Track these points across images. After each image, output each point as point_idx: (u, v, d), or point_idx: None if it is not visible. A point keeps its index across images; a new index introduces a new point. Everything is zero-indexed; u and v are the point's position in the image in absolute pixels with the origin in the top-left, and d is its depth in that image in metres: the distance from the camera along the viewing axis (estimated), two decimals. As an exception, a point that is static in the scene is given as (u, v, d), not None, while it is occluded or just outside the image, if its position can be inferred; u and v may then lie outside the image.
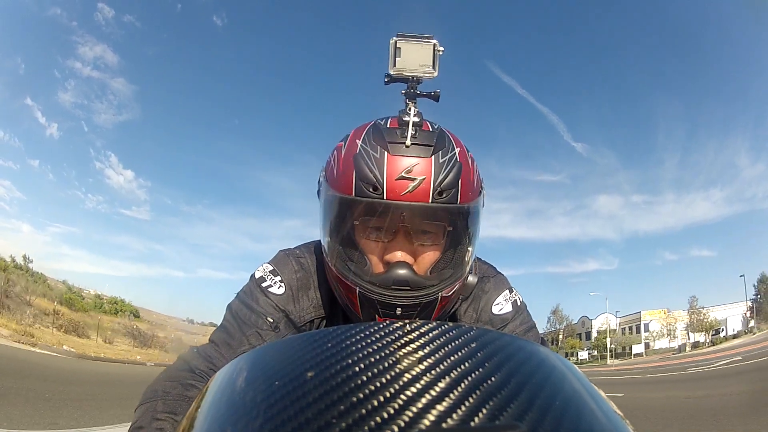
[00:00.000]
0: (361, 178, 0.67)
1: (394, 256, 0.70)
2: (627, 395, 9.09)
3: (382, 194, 0.66)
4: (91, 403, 5.93)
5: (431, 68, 0.72)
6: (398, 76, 0.73)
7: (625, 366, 29.71)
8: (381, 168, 0.67)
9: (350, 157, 0.70)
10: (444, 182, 0.68)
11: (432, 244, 0.73)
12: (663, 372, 17.04)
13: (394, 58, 0.72)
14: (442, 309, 0.74)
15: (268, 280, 0.82)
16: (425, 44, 0.72)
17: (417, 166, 0.67)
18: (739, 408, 6.18)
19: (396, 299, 0.69)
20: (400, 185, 0.66)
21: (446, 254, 0.74)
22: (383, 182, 0.66)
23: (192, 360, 0.75)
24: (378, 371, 0.25)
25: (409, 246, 0.71)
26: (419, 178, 0.67)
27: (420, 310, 0.71)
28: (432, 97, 0.75)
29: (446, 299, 0.73)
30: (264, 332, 0.77)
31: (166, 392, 0.69)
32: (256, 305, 0.79)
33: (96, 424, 4.63)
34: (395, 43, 0.72)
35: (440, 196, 0.68)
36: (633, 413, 5.95)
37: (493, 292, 0.87)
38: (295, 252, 0.88)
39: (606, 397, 0.29)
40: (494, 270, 0.92)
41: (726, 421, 5.37)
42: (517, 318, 0.86)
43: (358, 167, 0.68)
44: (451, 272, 0.73)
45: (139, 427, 0.65)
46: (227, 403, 0.26)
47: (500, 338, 0.29)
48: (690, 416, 5.95)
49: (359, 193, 0.68)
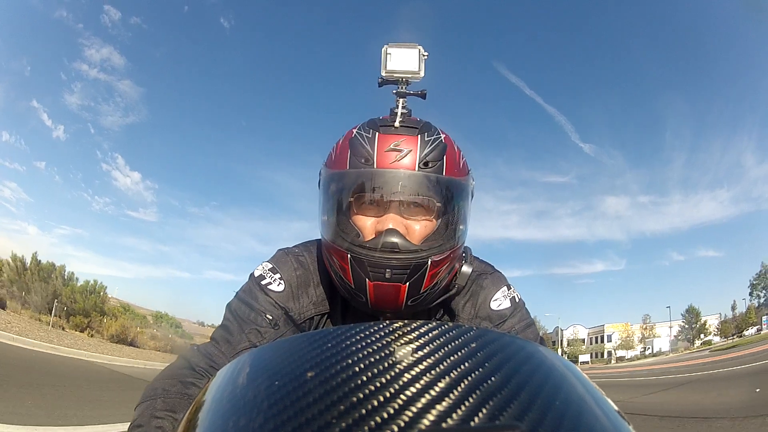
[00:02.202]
0: (355, 153, 0.75)
1: (385, 225, 0.74)
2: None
3: (373, 164, 0.74)
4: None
5: (417, 70, 0.85)
6: (389, 78, 0.85)
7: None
8: (372, 144, 0.75)
9: (346, 142, 0.78)
10: (429, 155, 0.75)
11: (423, 219, 0.76)
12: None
13: (386, 62, 0.85)
14: (432, 278, 0.75)
15: (267, 277, 0.84)
16: (411, 50, 0.85)
17: (404, 142, 0.75)
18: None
19: (386, 261, 0.72)
20: (389, 155, 0.74)
21: (438, 228, 0.77)
22: (374, 154, 0.74)
23: (192, 358, 0.76)
24: (378, 371, 0.25)
25: (400, 219, 0.75)
26: (406, 149, 0.74)
27: (410, 274, 0.73)
28: (419, 95, 0.85)
29: (437, 267, 0.75)
30: (263, 330, 0.79)
31: (165, 390, 0.69)
32: (256, 303, 0.81)
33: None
34: (386, 49, 0.85)
35: (426, 167, 0.74)
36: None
37: (491, 288, 0.88)
38: (294, 250, 0.90)
39: (606, 397, 0.29)
40: (492, 268, 0.94)
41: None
42: (515, 315, 0.87)
43: (352, 146, 0.76)
44: (441, 242, 0.76)
45: (139, 425, 0.65)
46: (228, 402, 0.27)
47: (500, 338, 0.29)
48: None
49: (353, 166, 0.75)
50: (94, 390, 6.42)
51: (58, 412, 4.29)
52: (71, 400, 5.11)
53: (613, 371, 23.15)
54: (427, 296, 0.77)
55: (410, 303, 0.75)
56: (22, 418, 3.85)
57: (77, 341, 13.38)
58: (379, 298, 0.74)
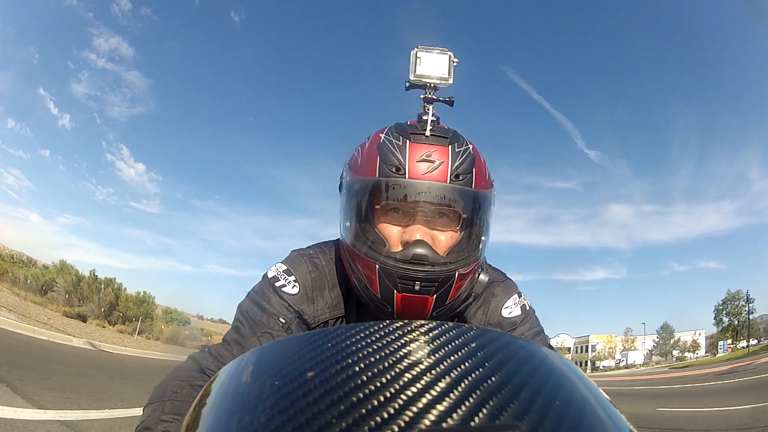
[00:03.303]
0: (385, 161, 0.74)
1: (413, 236, 0.73)
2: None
3: (405, 174, 0.72)
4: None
5: (447, 76, 0.83)
6: (417, 83, 0.83)
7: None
8: (403, 152, 0.73)
9: (374, 147, 0.76)
10: (461, 167, 0.74)
11: (448, 230, 0.76)
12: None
13: (415, 66, 0.83)
14: (458, 290, 0.76)
15: (281, 279, 0.83)
16: (442, 55, 0.84)
17: (436, 152, 0.74)
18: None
19: (415, 273, 0.72)
20: (421, 166, 0.73)
21: (462, 239, 0.77)
22: (405, 164, 0.73)
23: (203, 360, 0.77)
24: (378, 370, 0.25)
25: (427, 230, 0.75)
26: (438, 161, 0.73)
27: (438, 286, 0.73)
28: (447, 102, 0.84)
29: (463, 279, 0.75)
30: (276, 333, 0.78)
31: (174, 393, 0.70)
32: (269, 306, 0.80)
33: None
34: (416, 53, 0.84)
35: (457, 179, 0.74)
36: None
37: (503, 296, 0.89)
38: (309, 252, 0.89)
39: (608, 397, 0.29)
40: (504, 275, 0.94)
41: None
42: (526, 322, 0.87)
43: (381, 153, 0.74)
44: (467, 254, 0.76)
45: (146, 427, 0.66)
46: (231, 400, 0.27)
47: (500, 338, 0.30)
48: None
49: (383, 174, 0.73)
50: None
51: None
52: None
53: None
54: (451, 307, 0.78)
55: (435, 314, 0.76)
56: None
57: (150, 345, 15.26)
58: (406, 310, 0.74)
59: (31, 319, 12.83)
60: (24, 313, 12.36)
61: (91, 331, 14.56)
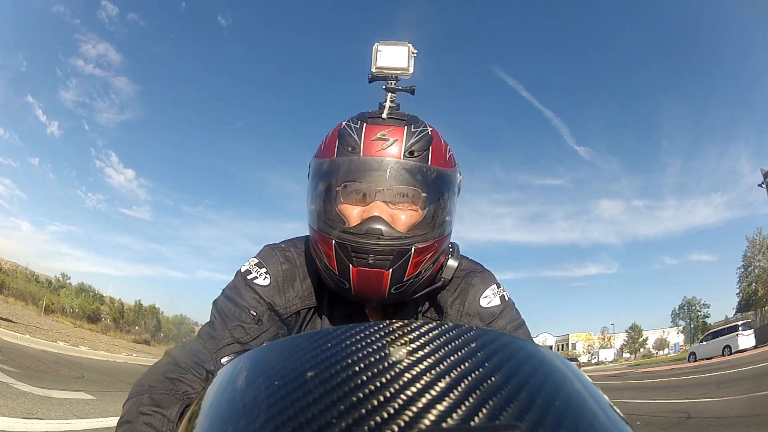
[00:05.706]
0: (342, 143, 0.77)
1: (371, 213, 0.75)
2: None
3: (359, 153, 0.76)
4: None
5: (407, 66, 0.87)
6: (379, 74, 0.88)
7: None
8: (359, 133, 0.77)
9: (335, 133, 0.80)
10: (415, 145, 0.77)
11: (407, 209, 0.77)
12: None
13: (376, 58, 0.88)
14: (416, 266, 0.76)
15: (253, 272, 0.85)
16: (401, 47, 0.88)
17: (390, 131, 0.76)
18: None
19: (369, 246, 0.73)
20: (375, 144, 0.76)
21: (422, 219, 0.78)
22: (360, 143, 0.76)
23: (177, 355, 0.78)
24: (378, 371, 0.25)
25: (386, 208, 0.76)
26: (392, 138, 0.76)
27: (393, 260, 0.74)
28: (408, 91, 0.88)
29: (421, 254, 0.76)
30: (248, 326, 0.81)
31: (152, 386, 0.71)
32: (240, 299, 0.83)
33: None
34: (376, 47, 0.88)
35: (411, 155, 0.76)
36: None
37: (481, 285, 0.89)
38: (281, 246, 0.92)
39: (606, 397, 0.29)
40: (481, 266, 0.94)
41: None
42: (505, 315, 0.88)
43: (340, 137, 0.78)
44: (425, 231, 0.77)
45: (127, 421, 0.67)
46: (228, 403, 0.27)
47: (500, 338, 0.30)
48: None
49: (339, 155, 0.77)
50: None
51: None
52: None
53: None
54: (411, 285, 0.78)
55: (393, 291, 0.76)
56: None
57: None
58: (362, 284, 0.75)
59: (117, 346, 17.30)
60: (95, 340, 15.26)
61: (159, 352, 18.85)
